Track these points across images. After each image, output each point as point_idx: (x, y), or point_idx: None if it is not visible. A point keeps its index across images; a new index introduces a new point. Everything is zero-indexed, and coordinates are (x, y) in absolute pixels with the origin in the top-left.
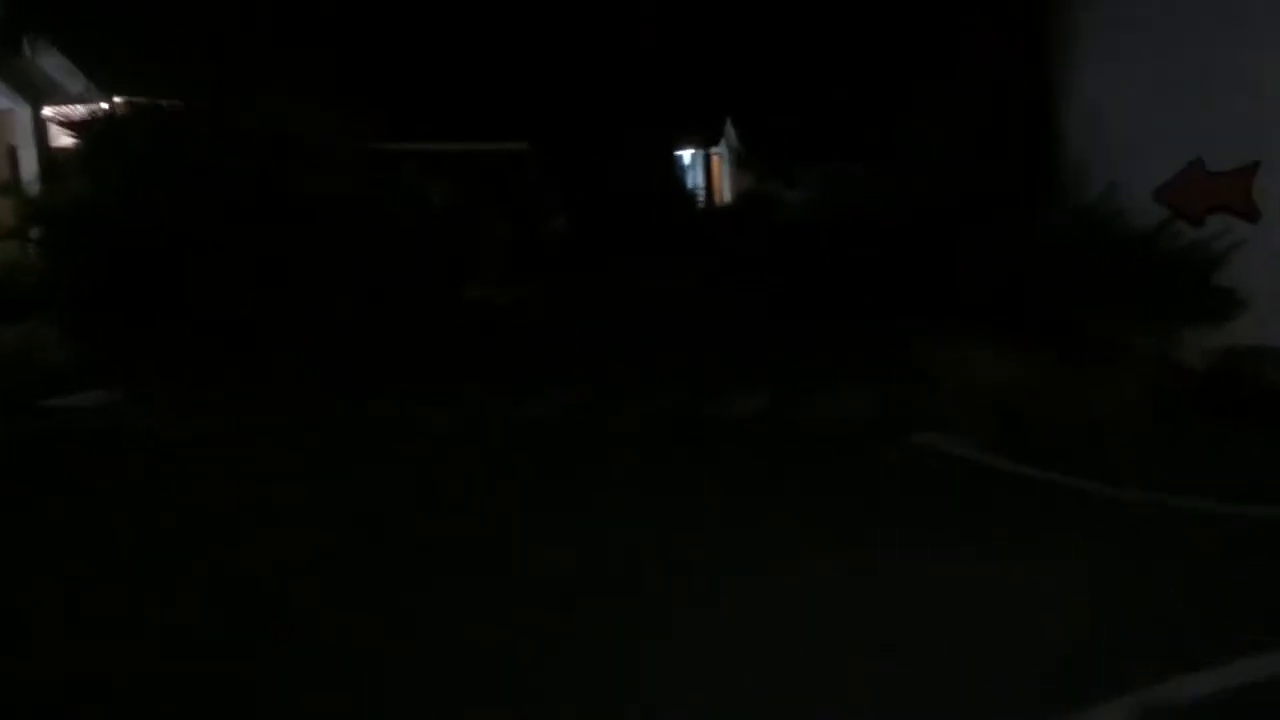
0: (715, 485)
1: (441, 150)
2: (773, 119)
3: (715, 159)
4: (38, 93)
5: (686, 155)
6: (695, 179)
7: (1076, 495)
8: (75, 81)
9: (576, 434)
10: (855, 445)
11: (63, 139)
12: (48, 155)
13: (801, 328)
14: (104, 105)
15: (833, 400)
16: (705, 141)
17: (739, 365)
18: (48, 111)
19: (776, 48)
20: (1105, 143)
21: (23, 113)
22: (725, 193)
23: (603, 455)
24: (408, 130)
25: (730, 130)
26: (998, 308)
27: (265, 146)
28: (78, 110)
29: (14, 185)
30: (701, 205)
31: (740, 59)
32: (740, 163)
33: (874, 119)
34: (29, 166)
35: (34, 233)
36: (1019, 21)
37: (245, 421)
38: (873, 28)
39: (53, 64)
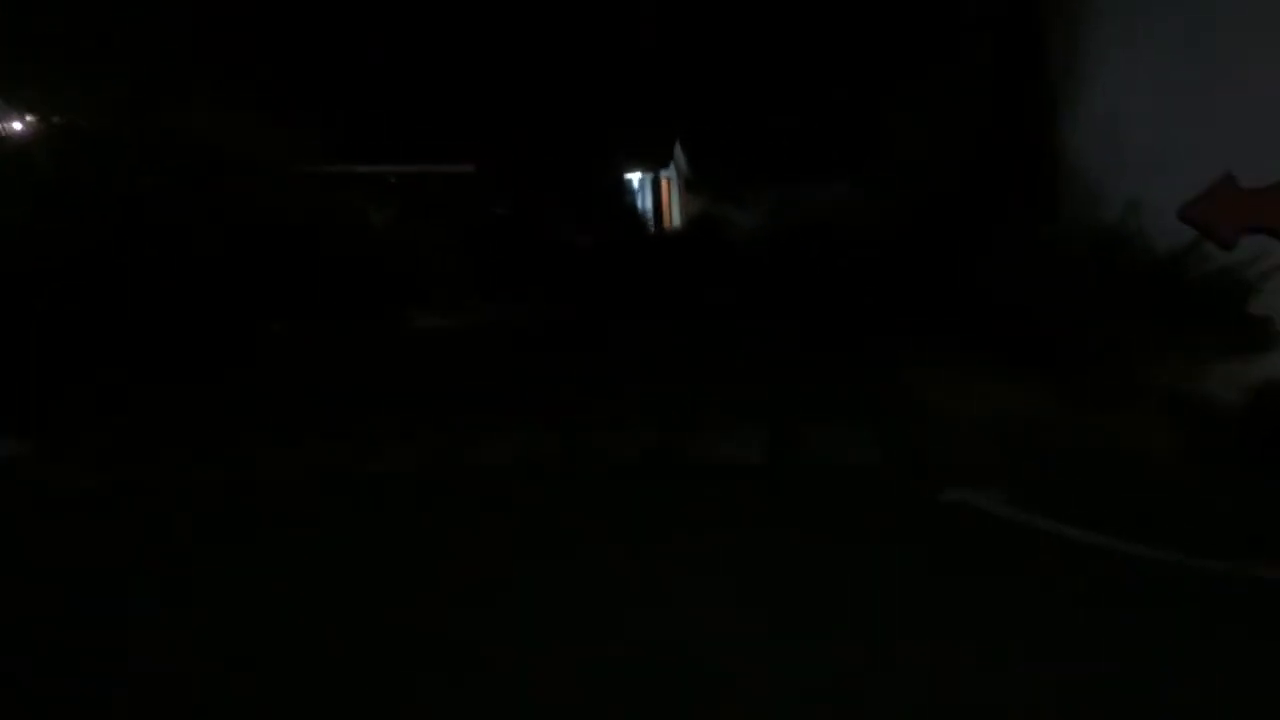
0: (727, 576)
1: (387, 172)
2: (723, 140)
3: (665, 182)
4: None
5: (635, 179)
6: (644, 203)
7: (1162, 570)
8: None
9: (540, 486)
10: (877, 504)
11: None
12: None
13: (780, 356)
14: (15, 125)
15: (830, 442)
16: (654, 164)
17: (718, 399)
18: None
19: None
20: (1120, 154)
21: None
22: (675, 217)
23: (577, 521)
24: (351, 152)
25: (679, 153)
26: (1000, 333)
27: (195, 166)
28: None
29: None
30: (651, 229)
31: (691, 78)
32: (689, 186)
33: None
34: None
35: None
36: (1011, 25)
37: (150, 471)
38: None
39: None
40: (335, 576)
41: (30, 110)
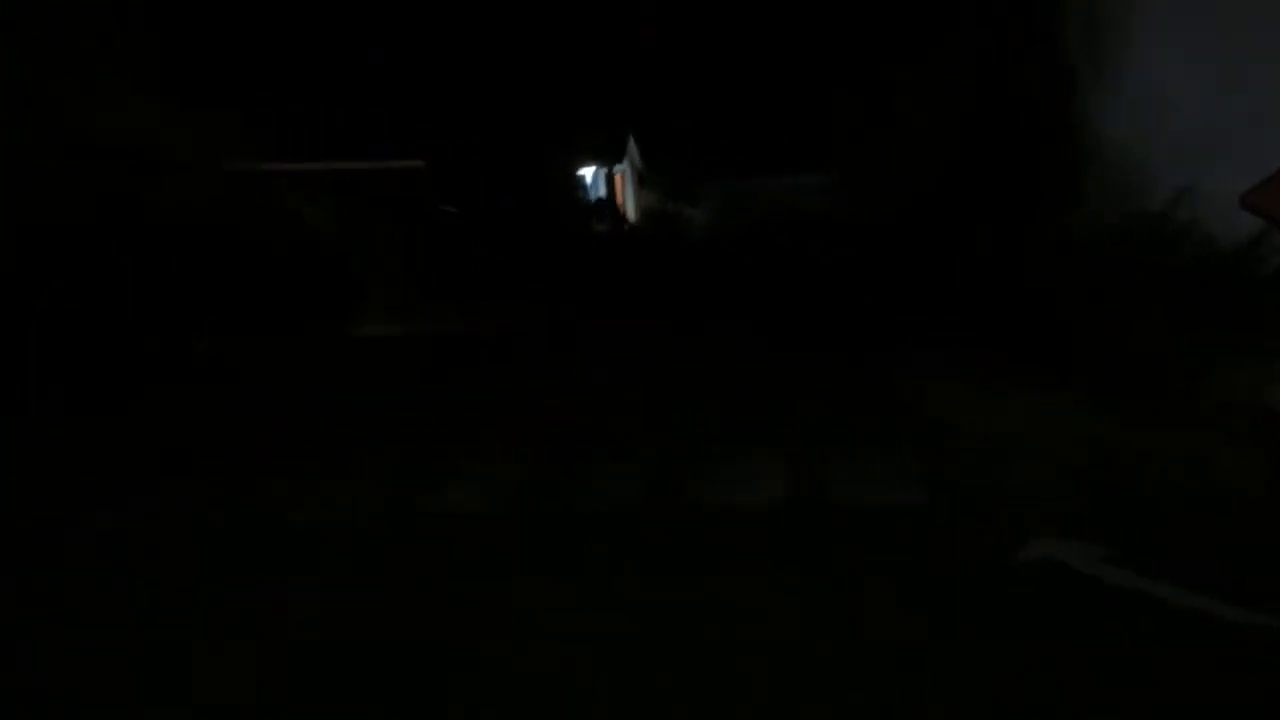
0: (780, 662)
1: (331, 170)
2: (679, 134)
3: (619, 177)
4: None
5: (588, 173)
6: (597, 197)
7: None
8: None
9: (516, 537)
10: (943, 566)
11: None
12: None
13: (775, 367)
14: None
15: (861, 477)
16: (608, 159)
17: (715, 421)
18: None
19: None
20: (1165, 135)
21: None
22: (629, 212)
23: (565, 584)
24: (291, 148)
25: (633, 147)
26: (1026, 339)
27: (113, 161)
28: None
29: None
30: (606, 225)
31: (647, 72)
32: (644, 181)
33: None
34: None
35: None
36: None
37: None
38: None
39: None
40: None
41: None
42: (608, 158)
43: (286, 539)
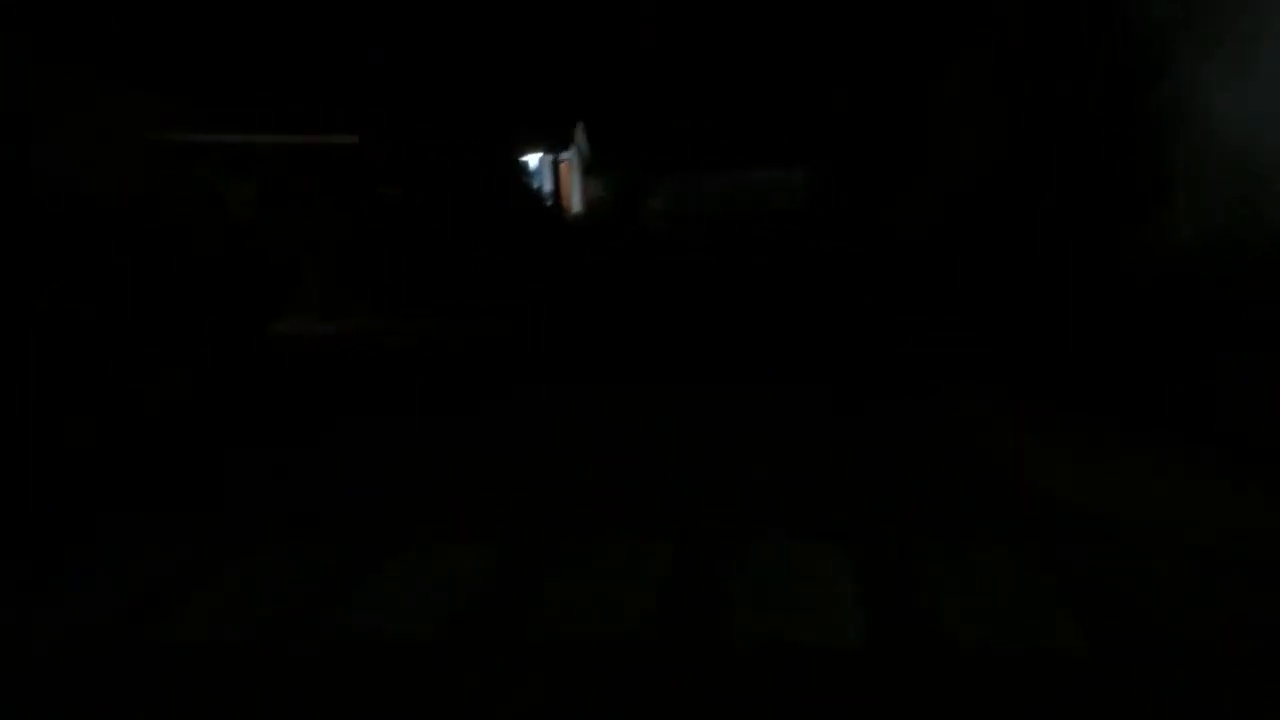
0: None
1: (253, 141)
2: (630, 123)
3: (564, 165)
4: None
5: (533, 160)
6: (543, 185)
7: None
8: None
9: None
10: None
11: None
12: None
13: (795, 398)
14: None
15: (969, 596)
16: (555, 146)
17: (731, 488)
18: None
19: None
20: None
21: None
22: (575, 201)
23: None
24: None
25: (581, 135)
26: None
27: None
28: None
29: None
30: (553, 214)
31: (599, 54)
32: (590, 170)
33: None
34: None
35: None
36: None
37: None
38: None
39: None
40: None
41: None
42: (555, 144)
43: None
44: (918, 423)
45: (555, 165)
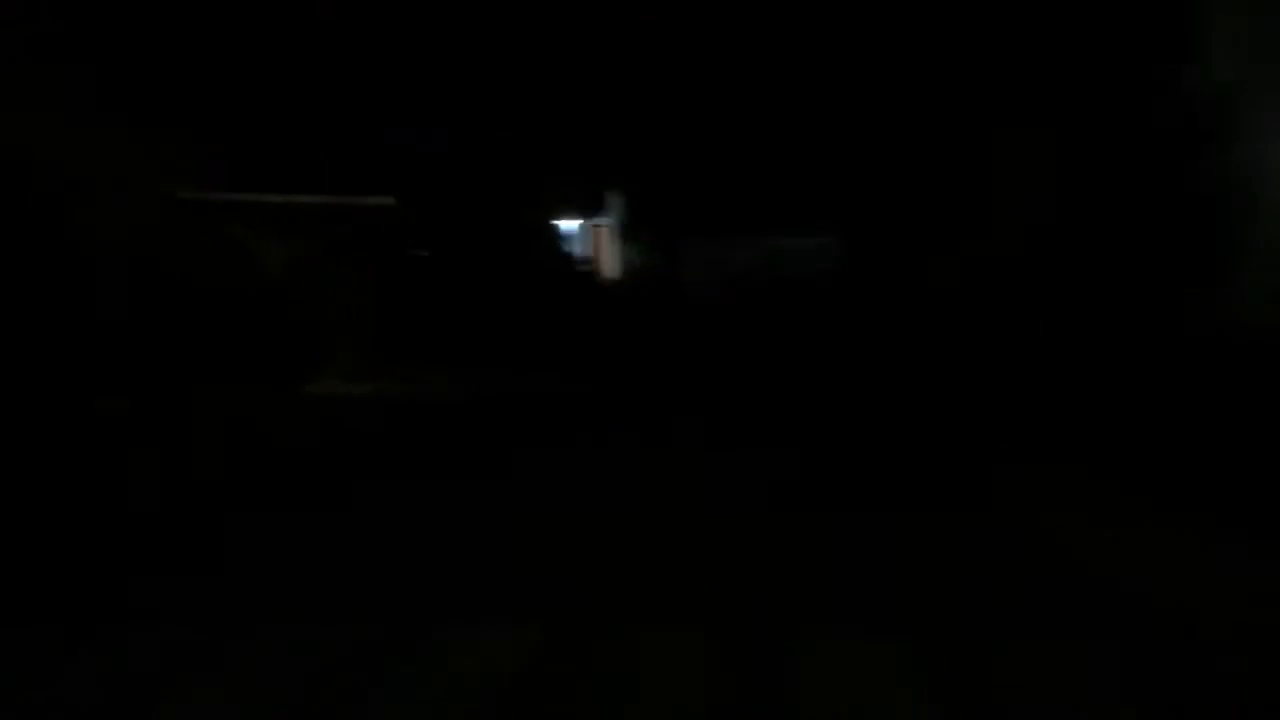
0: None
1: (285, 203)
2: (666, 188)
3: (600, 231)
4: None
5: (568, 225)
6: (577, 251)
7: None
8: None
9: None
10: None
11: None
12: None
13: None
14: None
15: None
16: (590, 211)
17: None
18: None
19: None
20: None
21: None
22: (609, 267)
23: None
24: (245, 176)
25: (617, 201)
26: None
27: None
28: None
29: None
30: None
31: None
32: (624, 235)
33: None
34: None
35: None
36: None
37: None
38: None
39: None
40: None
41: None
42: (590, 209)
43: None
44: (972, 508)
45: (591, 230)
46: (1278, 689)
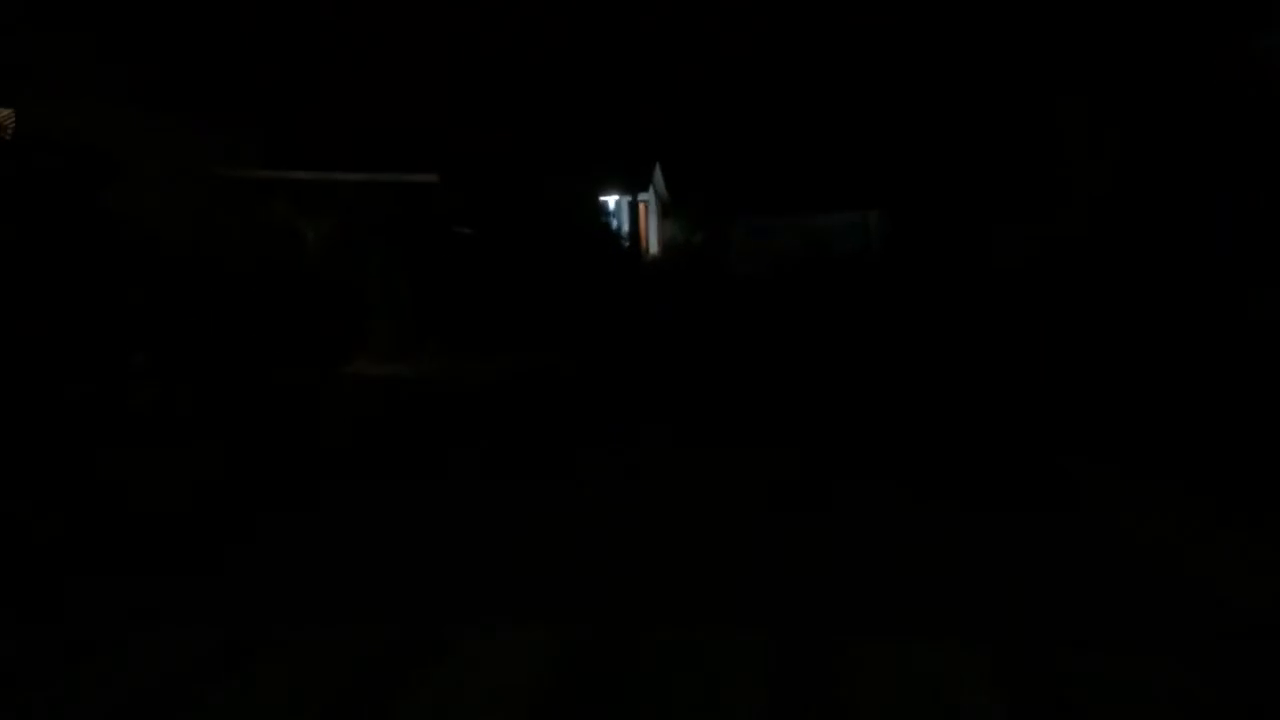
0: None
1: (327, 180)
2: (709, 165)
3: (642, 207)
4: None
5: (611, 201)
6: (620, 227)
7: None
8: None
9: None
10: None
11: None
12: None
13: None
14: None
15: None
16: (633, 187)
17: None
18: None
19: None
20: None
21: None
22: (651, 243)
23: None
24: (287, 154)
25: (659, 177)
26: None
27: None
28: None
29: None
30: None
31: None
32: (668, 212)
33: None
34: None
35: None
36: None
37: None
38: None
39: None
40: None
41: None
42: (633, 186)
43: None
44: (1045, 505)
45: (633, 206)
46: None
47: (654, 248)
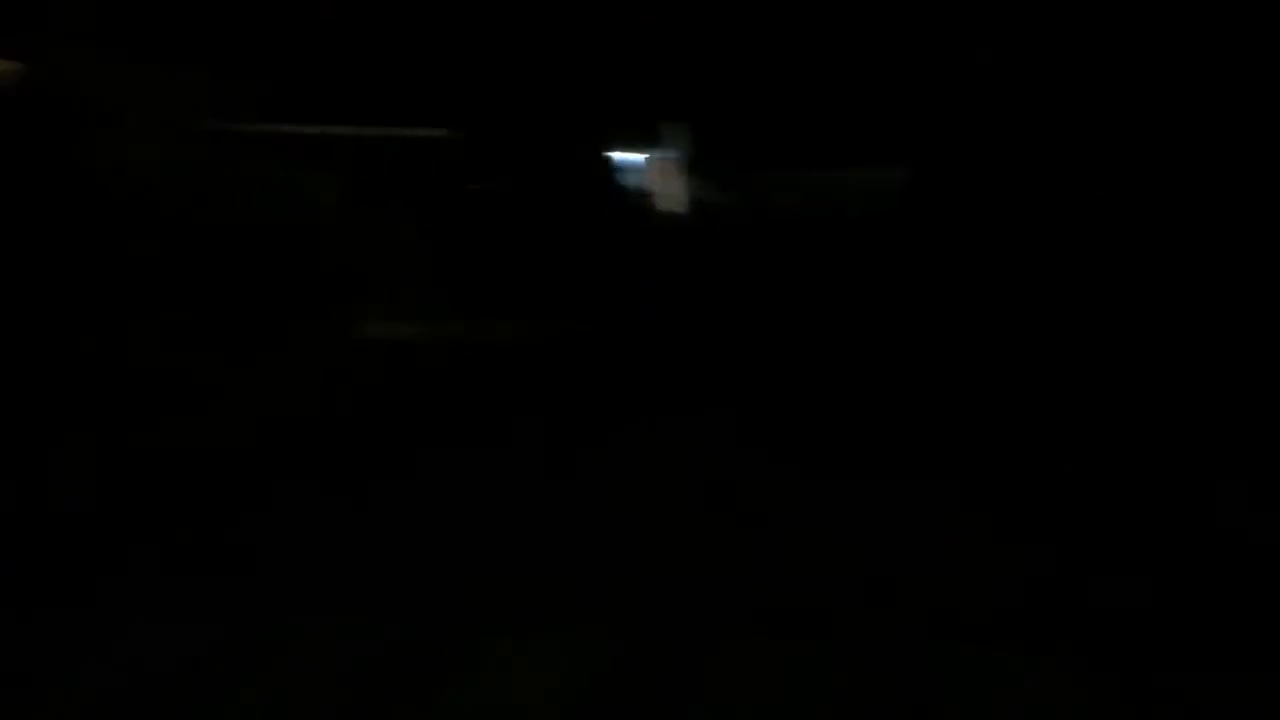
0: None
1: (336, 134)
2: (737, 122)
3: (664, 164)
4: None
5: (630, 158)
6: (640, 184)
7: None
8: None
9: None
10: None
11: None
12: None
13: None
14: None
15: None
16: (652, 145)
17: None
18: None
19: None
20: None
21: None
22: (677, 203)
23: None
24: (290, 107)
25: (682, 134)
26: None
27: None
28: None
29: None
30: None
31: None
32: (689, 169)
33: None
34: None
35: None
36: None
37: None
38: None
39: None
40: None
41: None
42: (653, 142)
43: None
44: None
45: (654, 163)
46: None
47: (676, 205)
